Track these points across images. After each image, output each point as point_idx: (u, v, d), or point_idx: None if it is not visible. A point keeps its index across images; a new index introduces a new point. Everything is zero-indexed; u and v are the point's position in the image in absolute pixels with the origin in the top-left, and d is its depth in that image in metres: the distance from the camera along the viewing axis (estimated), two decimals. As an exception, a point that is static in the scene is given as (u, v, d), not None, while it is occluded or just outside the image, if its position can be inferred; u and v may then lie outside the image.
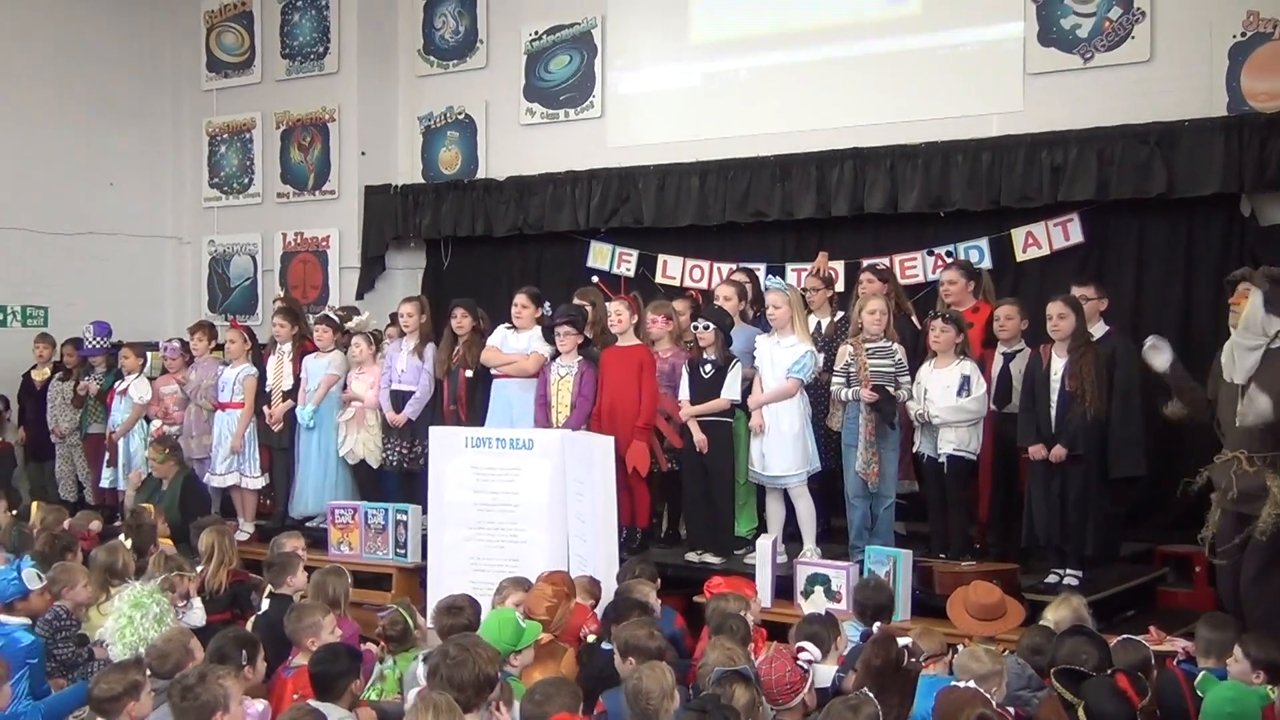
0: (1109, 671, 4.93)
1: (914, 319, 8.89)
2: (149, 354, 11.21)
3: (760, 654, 5.46)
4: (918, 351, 8.32)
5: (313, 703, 5.03)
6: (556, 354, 8.86)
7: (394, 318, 10.38)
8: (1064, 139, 9.55)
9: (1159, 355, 7.06)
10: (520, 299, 9.21)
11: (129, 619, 6.08)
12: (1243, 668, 5.29)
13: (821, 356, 8.30)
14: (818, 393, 8.41)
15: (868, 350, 8.02)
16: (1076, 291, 7.99)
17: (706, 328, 8.29)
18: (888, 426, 7.94)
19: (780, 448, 8.08)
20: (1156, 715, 4.98)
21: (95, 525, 9.09)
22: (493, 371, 9.19)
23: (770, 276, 9.13)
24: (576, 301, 9.35)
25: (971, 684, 4.79)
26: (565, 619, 6.20)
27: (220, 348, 10.78)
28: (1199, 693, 5.21)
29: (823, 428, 8.45)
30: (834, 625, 5.87)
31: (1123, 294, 9.34)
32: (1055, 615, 6.07)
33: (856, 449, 7.99)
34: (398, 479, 9.82)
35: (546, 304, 9.44)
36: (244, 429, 10.22)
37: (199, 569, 7.58)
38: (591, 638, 6.09)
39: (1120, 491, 7.98)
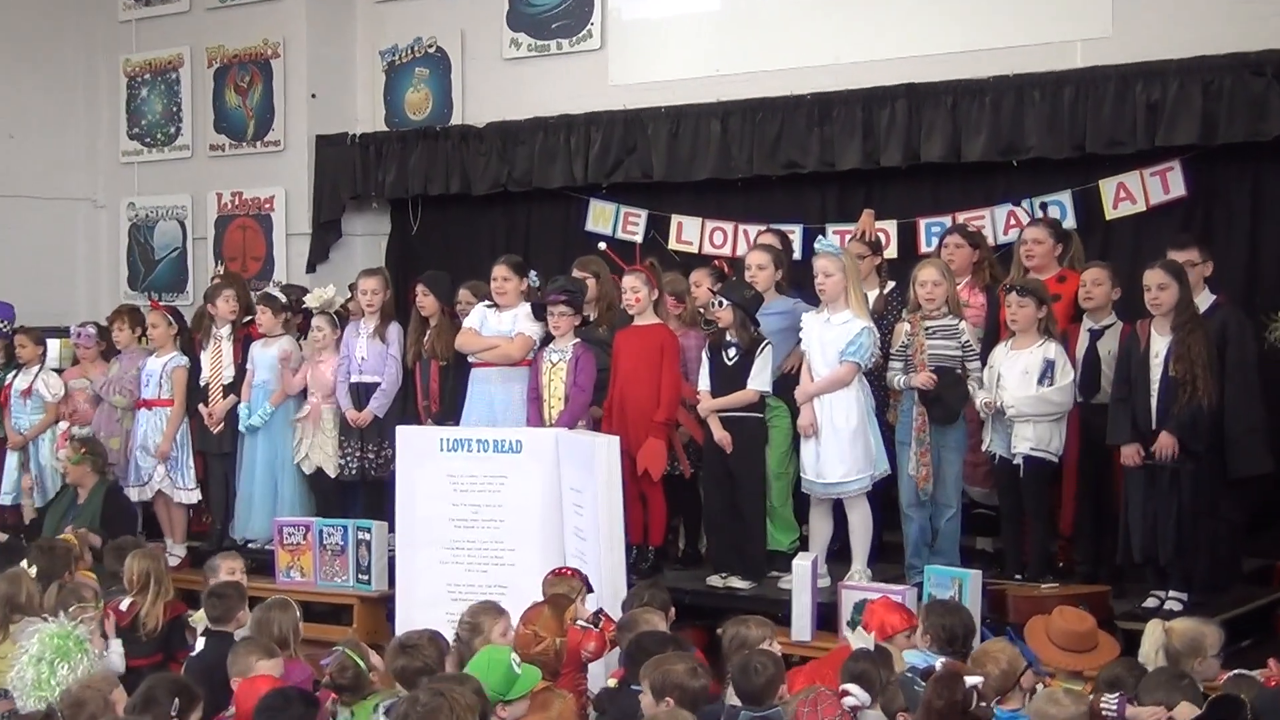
0: None
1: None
2: (54, 341, 11.17)
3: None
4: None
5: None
6: (550, 337, 8.84)
7: (351, 289, 10.41)
8: (1162, 71, 9.42)
9: None
10: (500, 271, 9.19)
11: (49, 667, 6.05)
12: None
13: (875, 337, 8.22)
14: (875, 381, 8.38)
15: (927, 329, 7.98)
16: (1175, 255, 7.95)
17: (722, 304, 8.24)
18: (947, 419, 7.90)
19: (836, 448, 7.99)
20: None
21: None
22: (471, 359, 9.18)
23: (821, 239, 9.04)
24: (575, 274, 9.32)
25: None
26: (559, 658, 6.20)
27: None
28: None
29: (884, 423, 8.40)
30: (887, 661, 5.85)
31: (1233, 256, 9.32)
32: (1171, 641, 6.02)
33: (910, 447, 7.98)
34: (363, 491, 9.82)
35: (533, 273, 9.41)
36: (174, 431, 10.21)
37: (127, 601, 7.56)
38: (613, 682, 6.10)
39: (1237, 497, 7.97)
